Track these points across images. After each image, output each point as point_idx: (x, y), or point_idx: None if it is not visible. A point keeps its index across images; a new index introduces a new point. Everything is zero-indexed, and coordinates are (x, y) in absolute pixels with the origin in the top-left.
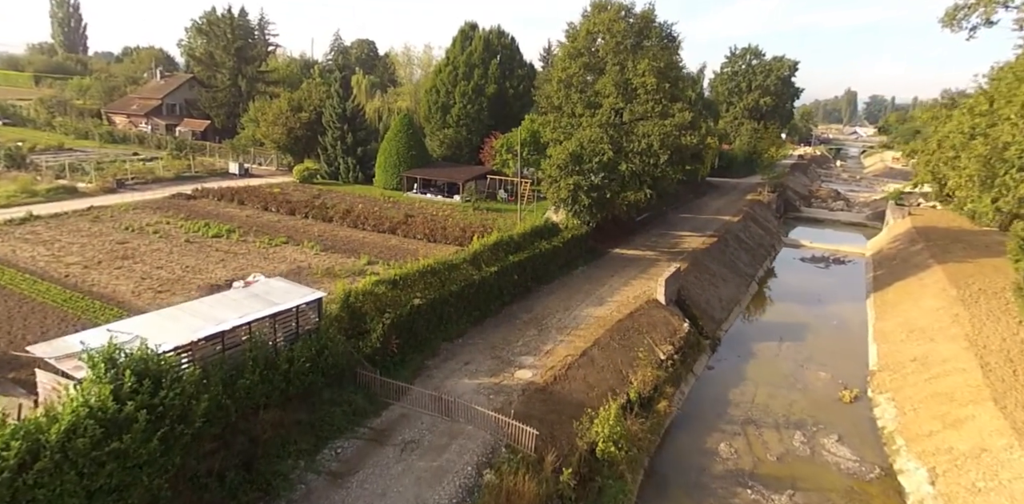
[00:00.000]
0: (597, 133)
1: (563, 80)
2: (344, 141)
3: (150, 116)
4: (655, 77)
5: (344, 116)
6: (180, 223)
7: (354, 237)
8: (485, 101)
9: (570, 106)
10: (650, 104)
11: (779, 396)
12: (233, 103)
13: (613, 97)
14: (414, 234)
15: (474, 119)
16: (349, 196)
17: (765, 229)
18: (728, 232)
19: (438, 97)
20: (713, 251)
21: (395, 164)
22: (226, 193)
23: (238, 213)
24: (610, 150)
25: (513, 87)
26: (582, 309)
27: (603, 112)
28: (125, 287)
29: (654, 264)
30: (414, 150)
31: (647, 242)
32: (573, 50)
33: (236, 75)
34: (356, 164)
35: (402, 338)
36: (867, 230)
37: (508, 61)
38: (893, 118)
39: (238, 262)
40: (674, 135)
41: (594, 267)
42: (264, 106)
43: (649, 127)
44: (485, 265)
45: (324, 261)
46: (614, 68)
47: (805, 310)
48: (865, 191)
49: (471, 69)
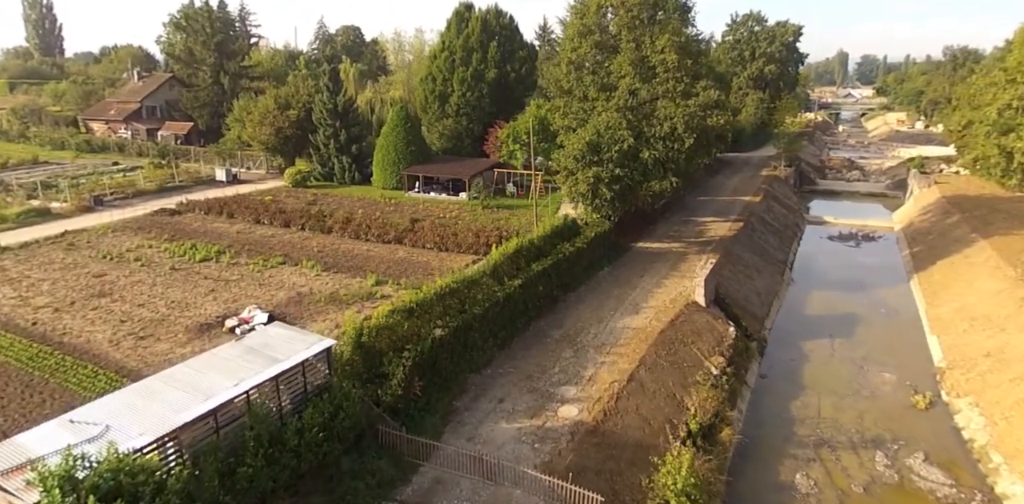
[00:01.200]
0: (615, 118)
1: (573, 61)
2: (337, 139)
3: (129, 121)
4: (676, 53)
5: (335, 112)
6: (164, 246)
7: (357, 251)
8: (485, 87)
9: (582, 89)
10: (671, 83)
11: (846, 407)
12: (216, 102)
13: (630, 77)
14: (423, 243)
15: (475, 107)
16: (347, 200)
17: (787, 207)
18: (752, 215)
19: (435, 85)
20: (741, 238)
21: (394, 162)
22: (214, 205)
23: (227, 229)
24: (630, 137)
25: (515, 70)
26: (617, 319)
27: (619, 94)
28: (102, 334)
29: (683, 258)
30: (413, 145)
31: (670, 232)
32: (583, 28)
33: (218, 72)
34: (352, 163)
35: (425, 377)
36: (888, 200)
37: (508, 43)
38: (891, 79)
39: (230, 292)
40: (699, 116)
41: (620, 266)
42: (249, 105)
43: (671, 109)
44: (507, 278)
45: (327, 284)
46: (629, 45)
47: (847, 297)
48: (876, 157)
49: (469, 53)
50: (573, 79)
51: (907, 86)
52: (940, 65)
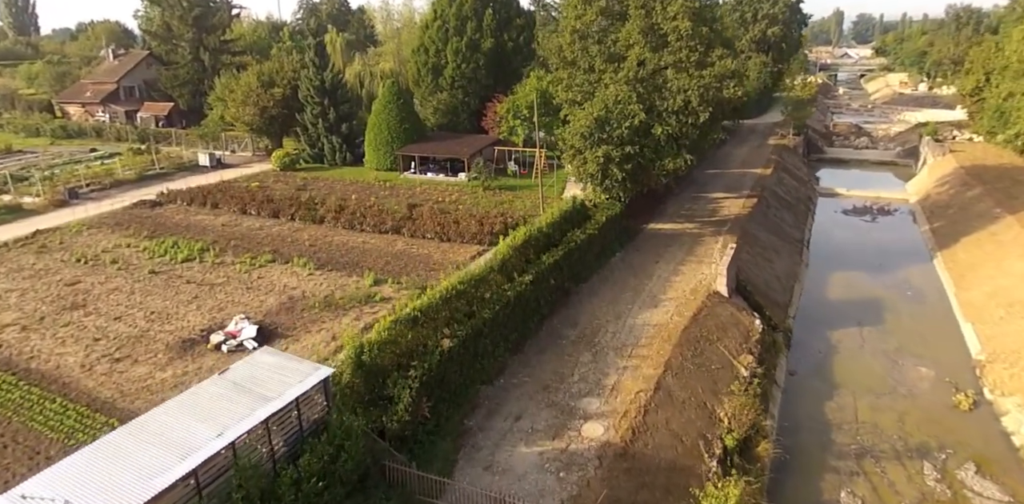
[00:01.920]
0: (624, 92)
1: (577, 30)
2: (326, 118)
3: (106, 103)
4: (690, 20)
5: (323, 88)
6: (143, 245)
7: (352, 243)
8: (481, 58)
9: (587, 60)
10: (684, 52)
11: (884, 408)
12: (197, 80)
13: (639, 47)
14: (422, 233)
15: (471, 80)
16: (339, 184)
17: (798, 179)
18: (765, 189)
19: (427, 57)
20: (756, 216)
21: (387, 141)
22: (196, 195)
23: (212, 221)
24: (641, 111)
25: (512, 40)
26: (636, 315)
27: (628, 66)
28: (74, 357)
29: (698, 240)
30: (407, 123)
31: (682, 211)
32: None
33: (197, 48)
34: (342, 143)
35: (434, 395)
36: (899, 169)
37: (504, 10)
38: (890, 38)
39: (215, 298)
40: (715, 88)
41: (633, 251)
42: (231, 82)
43: (685, 80)
44: (517, 273)
45: (321, 285)
46: (638, 12)
47: (869, 279)
48: (881, 122)
49: (463, 22)
50: (577, 49)
51: (907, 46)
52: (942, 24)
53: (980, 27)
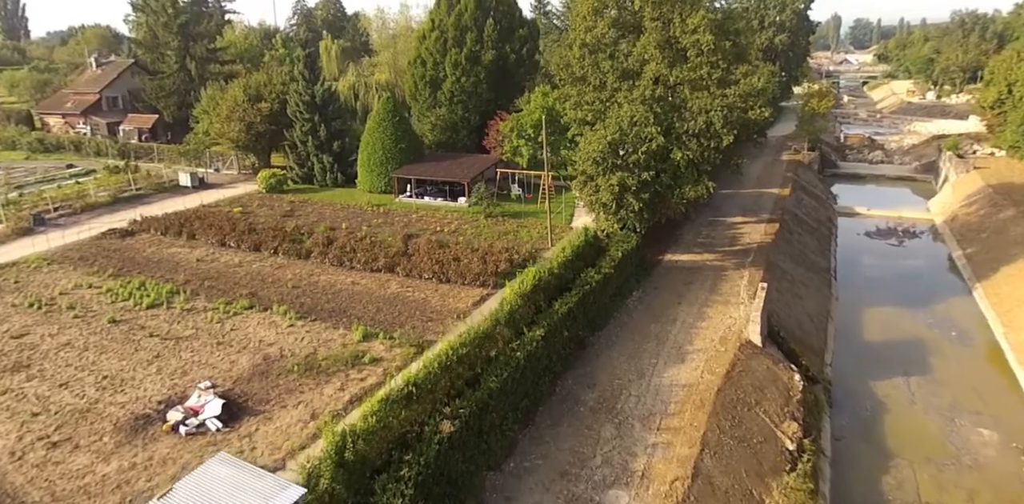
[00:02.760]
0: (640, 112)
1: (587, 44)
2: (316, 135)
3: (88, 115)
4: (712, 34)
5: (313, 104)
6: (107, 285)
7: (340, 284)
8: (482, 71)
9: (598, 76)
10: (706, 69)
11: (948, 484)
12: (183, 91)
13: (656, 62)
14: (419, 272)
15: (471, 94)
16: (329, 208)
17: (816, 199)
18: (785, 212)
19: (425, 70)
20: (780, 244)
21: (381, 161)
22: (173, 222)
23: (187, 256)
24: (659, 134)
25: (514, 52)
26: (661, 372)
27: (643, 83)
28: (4, 440)
29: (721, 275)
30: (403, 142)
31: (699, 239)
32: (598, 4)
33: (183, 56)
34: (333, 163)
35: (431, 494)
36: (917, 185)
37: (506, 20)
38: (892, 44)
39: (180, 358)
40: (739, 108)
41: (651, 289)
42: (216, 94)
43: (706, 100)
44: (526, 326)
45: (302, 339)
46: (654, 25)
47: (906, 315)
48: (892, 132)
49: (462, 33)
50: (587, 64)
51: (910, 52)
52: (947, 31)
53: (986, 33)
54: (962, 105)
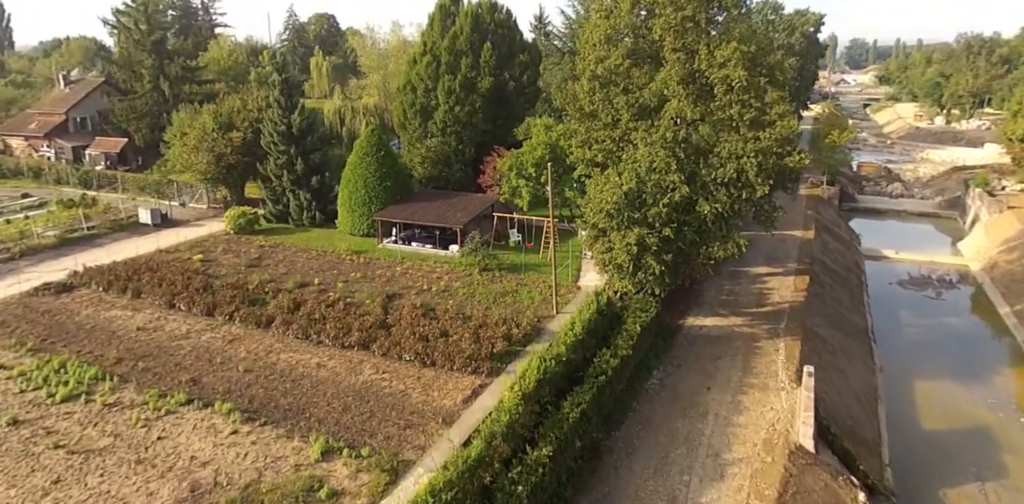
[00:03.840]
0: (660, 156)
1: (599, 76)
2: (292, 169)
3: (52, 137)
4: (745, 68)
5: (290, 134)
6: (19, 366)
7: (303, 367)
8: (478, 100)
9: (610, 113)
10: (736, 108)
11: None
12: (157, 112)
13: (678, 100)
14: (399, 351)
15: (465, 124)
16: (302, 255)
17: (841, 241)
18: (813, 260)
19: (415, 97)
20: (813, 302)
21: (363, 201)
22: (120, 274)
23: (127, 322)
24: (683, 183)
25: (514, 78)
26: (696, 495)
27: (664, 123)
28: None
29: (753, 346)
30: (389, 179)
31: (723, 296)
32: (612, 31)
33: (158, 75)
34: (311, 200)
35: None
36: (941, 222)
37: (505, 44)
38: (894, 66)
39: (83, 486)
40: (775, 154)
41: (673, 366)
42: (189, 118)
43: (737, 144)
44: (529, 446)
45: (245, 457)
46: (676, 57)
47: (963, 393)
48: (904, 160)
49: (457, 58)
50: (598, 100)
51: (912, 74)
52: (951, 54)
53: (992, 56)
54: (973, 131)
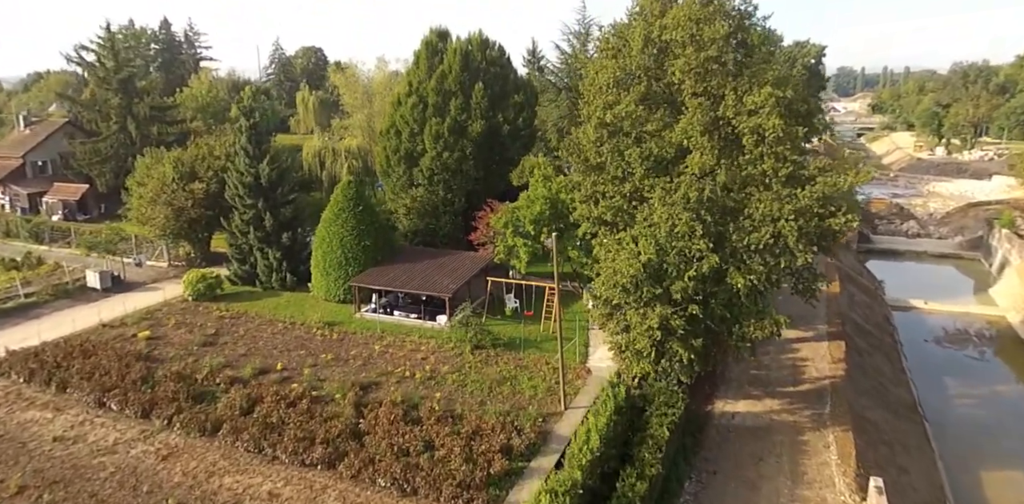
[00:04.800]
0: (684, 219)
1: (607, 124)
2: (260, 225)
3: (7, 183)
4: (780, 117)
5: (258, 186)
6: None
7: (249, 499)
8: (469, 145)
9: (621, 166)
10: (770, 162)
11: None
12: (122, 156)
13: (701, 153)
14: (373, 472)
15: (455, 172)
16: (268, 329)
17: (866, 291)
18: (844, 320)
19: (399, 141)
20: (855, 378)
21: (339, 263)
22: (48, 359)
23: (42, 428)
24: (712, 254)
25: (508, 121)
26: None
27: (687, 181)
28: None
29: (798, 442)
30: (368, 238)
31: (751, 370)
32: (621, 73)
33: (124, 116)
34: (282, 260)
35: None
36: (964, 264)
37: (498, 83)
38: (887, 94)
39: None
40: (817, 215)
41: (708, 474)
42: (151, 163)
43: (772, 204)
44: None
45: None
46: (697, 102)
47: None
48: (911, 194)
49: (445, 99)
50: (607, 150)
51: (905, 103)
52: (948, 82)
53: (989, 85)
54: (977, 162)
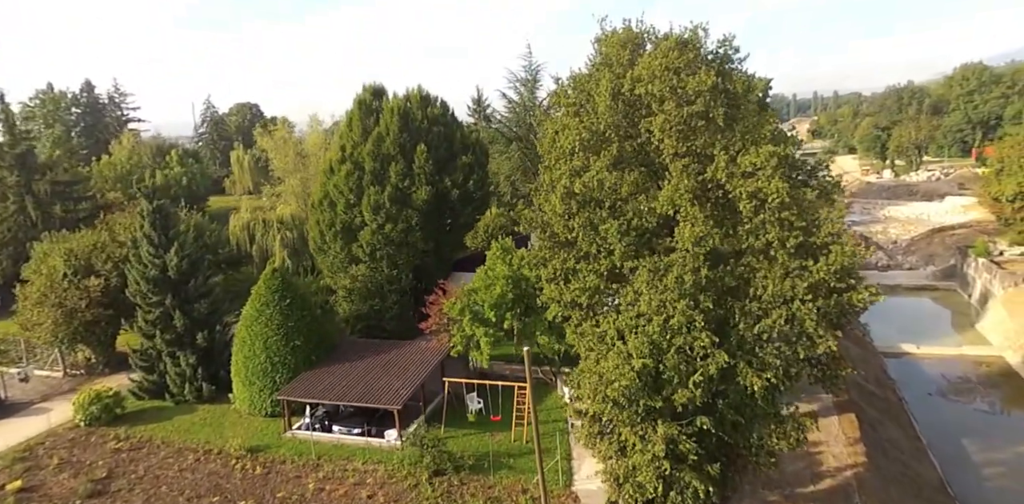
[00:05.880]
0: (680, 309)
1: (575, 194)
2: (169, 326)
3: None
4: (783, 179)
5: (165, 280)
6: None
7: None
8: (414, 215)
9: (595, 242)
10: (774, 232)
11: None
12: (22, 240)
13: (693, 224)
14: None
15: (400, 245)
16: (175, 461)
17: (857, 342)
18: (848, 385)
19: (334, 214)
20: (878, 462)
21: (263, 370)
22: None
23: None
24: (718, 348)
25: (458, 185)
26: None
27: (677, 259)
28: None
29: None
30: (298, 337)
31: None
32: (588, 135)
33: (23, 195)
34: (197, 366)
35: None
36: (941, 295)
37: (444, 143)
38: (824, 119)
39: None
40: (836, 290)
41: None
42: (54, 248)
43: (783, 284)
44: None
45: None
46: (682, 165)
47: None
48: (869, 221)
49: (383, 165)
50: (578, 225)
51: (842, 126)
52: (883, 105)
53: (923, 106)
54: (925, 183)
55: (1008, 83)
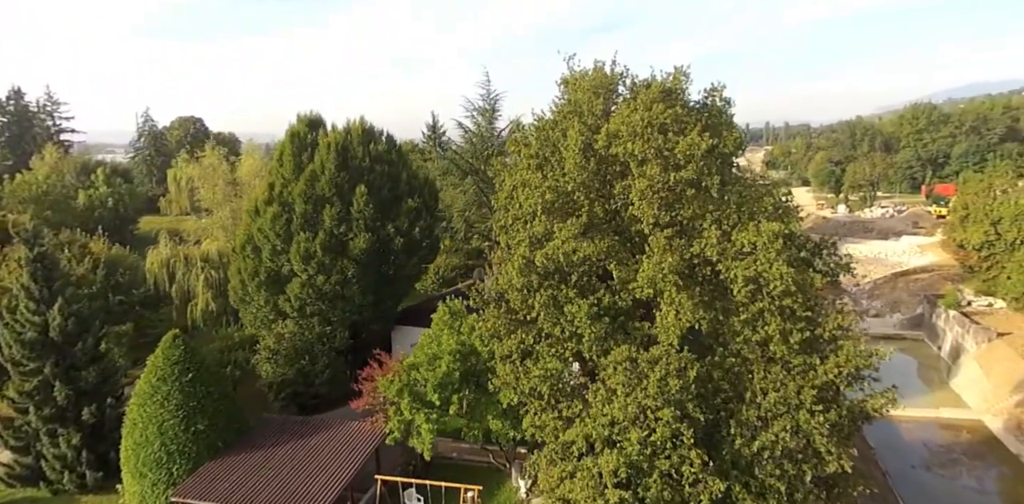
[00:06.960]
0: (664, 421)
1: (537, 266)
2: (49, 399)
3: None
4: (788, 263)
5: (46, 342)
6: None
7: None
8: (351, 266)
9: (559, 323)
10: (774, 324)
11: None
12: None
13: (678, 309)
14: None
15: (334, 299)
16: None
17: None
18: None
19: (258, 262)
20: None
21: (158, 460)
22: None
23: None
24: (716, 479)
25: (402, 232)
26: None
27: (661, 357)
28: None
29: None
30: (202, 419)
31: None
32: (552, 197)
33: None
34: (81, 447)
35: None
36: (910, 346)
37: (388, 184)
38: (778, 151)
39: None
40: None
41: None
42: None
43: (787, 388)
44: None
45: None
46: (663, 236)
47: None
48: None
49: (317, 207)
50: (539, 304)
51: (795, 158)
52: (836, 140)
53: (875, 142)
54: (880, 220)
55: (956, 123)
